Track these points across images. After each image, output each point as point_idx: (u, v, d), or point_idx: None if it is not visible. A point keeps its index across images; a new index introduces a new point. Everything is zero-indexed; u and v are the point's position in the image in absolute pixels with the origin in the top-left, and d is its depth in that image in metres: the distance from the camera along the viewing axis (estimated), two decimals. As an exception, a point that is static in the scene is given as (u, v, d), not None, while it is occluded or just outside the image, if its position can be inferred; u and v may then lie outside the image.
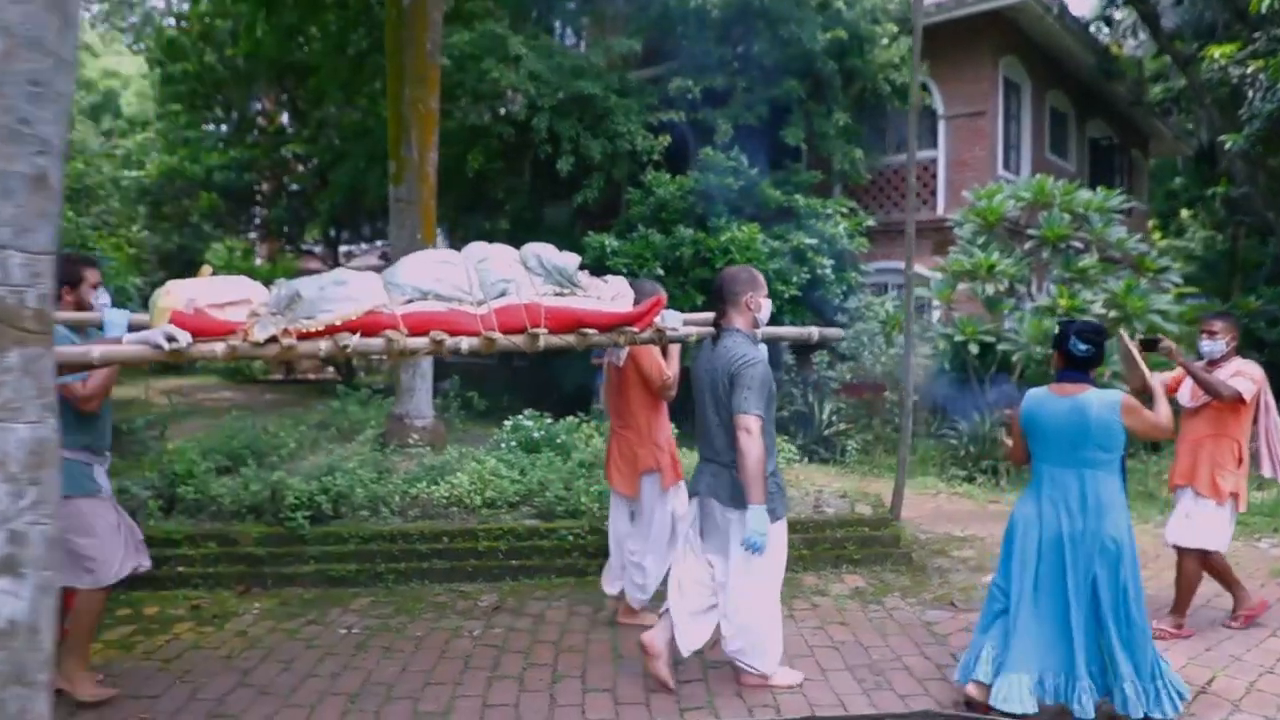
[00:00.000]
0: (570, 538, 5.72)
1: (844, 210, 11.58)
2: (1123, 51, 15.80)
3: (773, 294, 7.00)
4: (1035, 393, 3.73)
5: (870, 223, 12.00)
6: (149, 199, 15.15)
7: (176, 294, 3.13)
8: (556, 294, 3.57)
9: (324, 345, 3.10)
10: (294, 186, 16.90)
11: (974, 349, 9.10)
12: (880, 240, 13.26)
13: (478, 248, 3.71)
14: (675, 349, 4.45)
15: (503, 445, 7.47)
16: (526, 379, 13.30)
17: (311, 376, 18.46)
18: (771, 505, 3.58)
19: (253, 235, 18.73)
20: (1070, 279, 9.41)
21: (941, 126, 13.07)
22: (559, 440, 7.42)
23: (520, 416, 7.94)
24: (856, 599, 5.31)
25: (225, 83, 15.85)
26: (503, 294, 3.44)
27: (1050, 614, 3.50)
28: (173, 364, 3.03)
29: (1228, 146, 11.04)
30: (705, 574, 3.87)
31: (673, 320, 3.79)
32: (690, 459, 4.89)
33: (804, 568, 5.84)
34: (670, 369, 4.43)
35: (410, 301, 3.29)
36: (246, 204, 16.67)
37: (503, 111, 10.88)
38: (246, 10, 12.71)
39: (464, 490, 6.06)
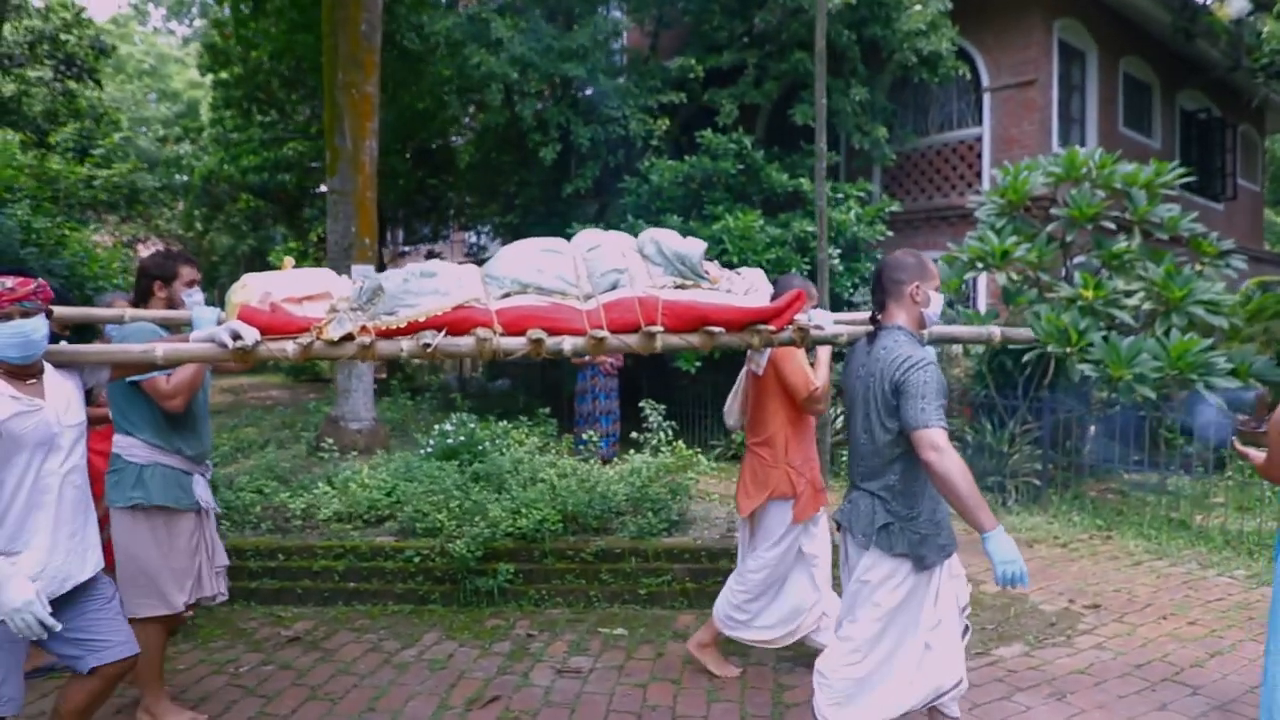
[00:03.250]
0: (417, 559, 5.04)
1: (860, 194, 10.44)
2: (1225, 7, 13.84)
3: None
4: None
5: (895, 208, 10.80)
6: (192, 200, 15.52)
7: (253, 288, 2.90)
8: (677, 286, 3.06)
9: (406, 344, 2.74)
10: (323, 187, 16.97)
11: (978, 348, 7.89)
12: (922, 229, 12.02)
13: (589, 235, 3.25)
14: (825, 354, 3.88)
15: (422, 451, 6.89)
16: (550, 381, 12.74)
17: (382, 375, 18.39)
18: (920, 551, 2.85)
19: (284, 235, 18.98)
20: (1102, 265, 8.05)
21: (987, 100, 11.68)
22: (480, 447, 6.78)
23: (462, 417, 7.35)
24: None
25: (270, 86, 15.97)
26: (614, 286, 2.99)
27: None
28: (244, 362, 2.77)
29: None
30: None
31: (820, 319, 3.12)
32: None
33: (686, 604, 4.97)
34: (819, 378, 3.81)
35: (507, 296, 2.90)
36: (284, 205, 16.80)
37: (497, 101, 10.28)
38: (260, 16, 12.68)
39: (321, 502, 5.50)
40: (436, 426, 7.20)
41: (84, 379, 2.78)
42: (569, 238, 3.26)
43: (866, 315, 3.34)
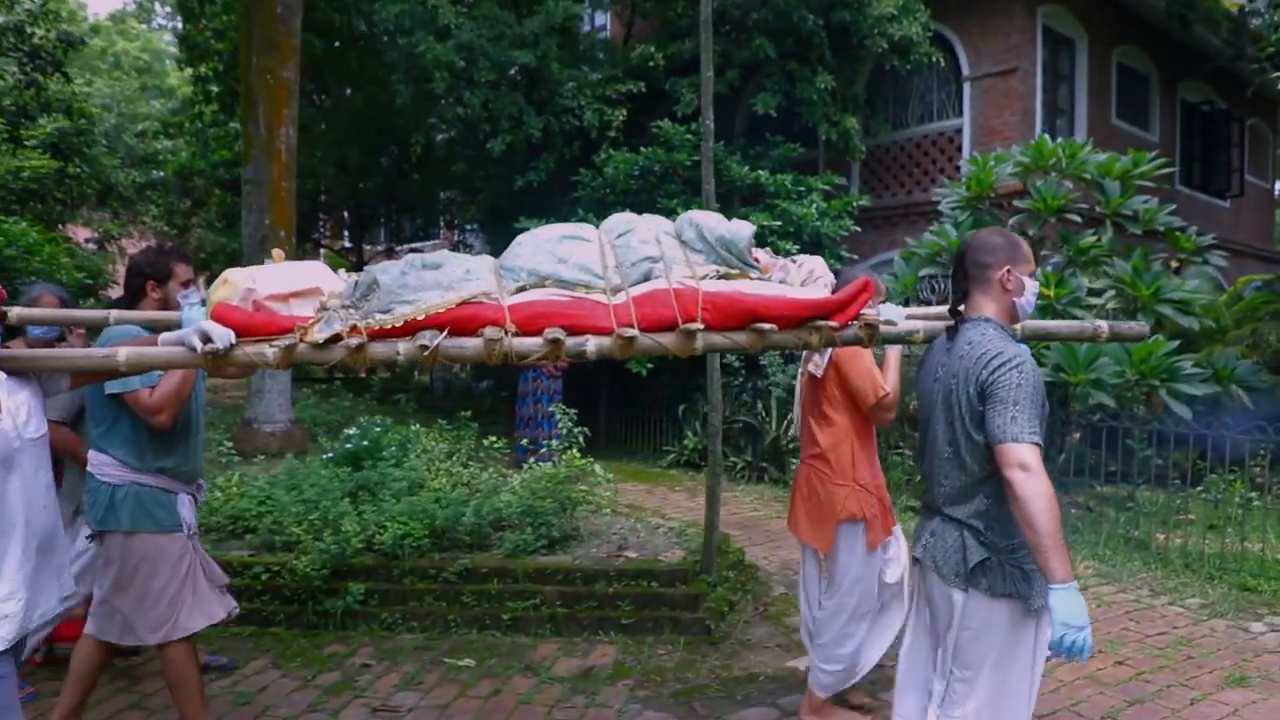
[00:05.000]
0: (265, 576, 4.60)
1: (827, 187, 9.91)
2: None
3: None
4: None
5: (864, 202, 10.25)
6: (169, 196, 15.28)
7: (234, 284, 2.57)
8: (722, 276, 2.63)
9: (403, 347, 2.38)
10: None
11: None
12: (900, 224, 11.45)
13: (620, 219, 2.85)
14: (895, 354, 3.40)
15: (324, 456, 6.47)
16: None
17: (385, 374, 17.81)
18: (1026, 590, 2.35)
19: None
20: (1068, 261, 7.50)
21: (967, 90, 11.09)
22: (384, 453, 6.34)
23: (376, 420, 6.93)
24: (571, 683, 3.94)
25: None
26: (647, 277, 2.58)
27: None
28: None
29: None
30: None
31: (890, 313, 2.67)
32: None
33: (553, 631, 4.49)
34: (889, 382, 3.34)
35: (523, 289, 2.52)
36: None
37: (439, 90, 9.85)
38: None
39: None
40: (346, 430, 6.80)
41: (43, 387, 2.44)
42: (516, 234, 2.81)
43: (940, 309, 2.92)
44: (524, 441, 8.53)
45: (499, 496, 5.30)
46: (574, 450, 5.61)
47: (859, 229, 10.03)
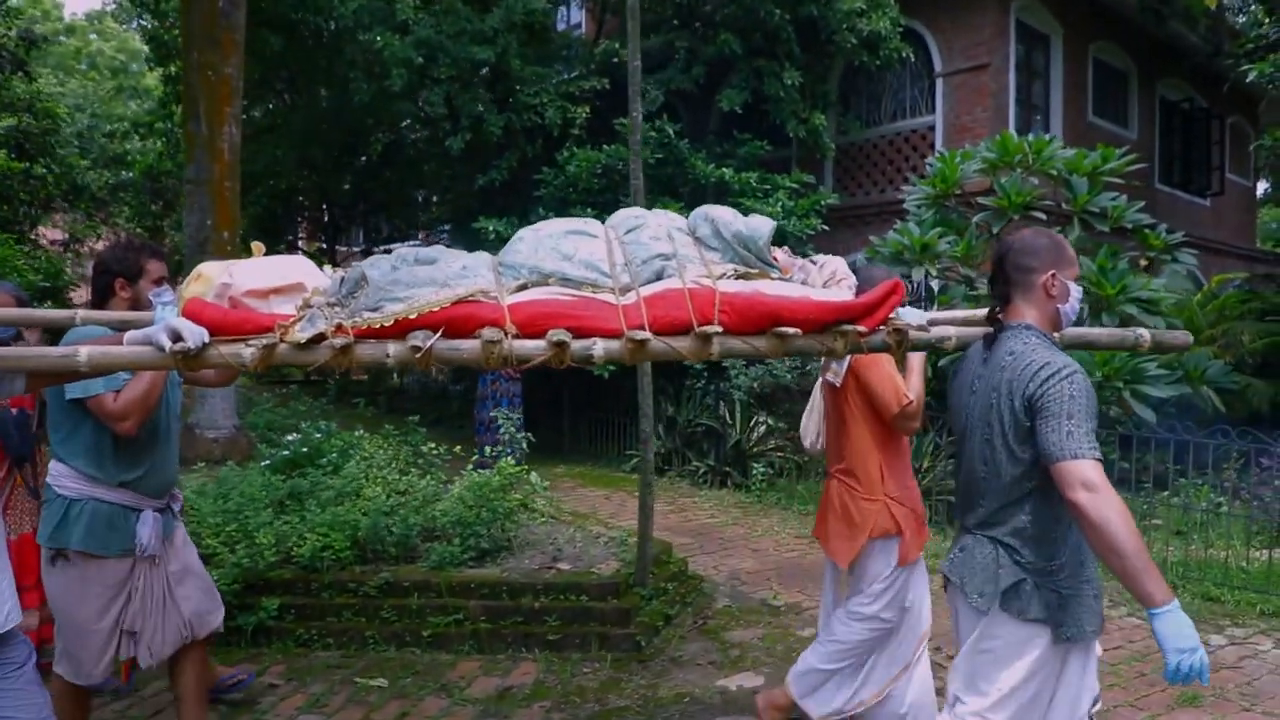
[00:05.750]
0: (176, 593, 4.39)
1: (794, 186, 9.71)
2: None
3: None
4: None
5: (832, 200, 10.06)
6: (138, 197, 15.04)
7: (208, 278, 2.37)
8: (740, 276, 2.44)
9: (393, 349, 2.16)
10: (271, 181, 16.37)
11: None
12: (873, 223, 11.24)
13: (628, 213, 2.68)
14: (918, 361, 3.19)
15: (263, 464, 6.25)
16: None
17: (360, 376, 17.39)
18: (1060, 616, 2.19)
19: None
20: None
21: (939, 86, 10.91)
22: (324, 461, 6.12)
23: (319, 425, 6.72)
24: (485, 705, 3.73)
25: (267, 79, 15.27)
26: (660, 276, 2.41)
27: None
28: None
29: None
30: None
31: (914, 318, 2.50)
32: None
33: (475, 648, 4.28)
34: (912, 389, 3.14)
35: (524, 287, 2.35)
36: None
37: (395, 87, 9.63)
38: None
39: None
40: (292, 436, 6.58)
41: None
42: (477, 233, 2.59)
43: (967, 313, 2.73)
44: (486, 449, 8.30)
45: (436, 505, 5.09)
46: (509, 458, 5.41)
47: (827, 228, 9.83)
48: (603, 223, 2.61)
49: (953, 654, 2.44)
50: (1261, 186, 20.83)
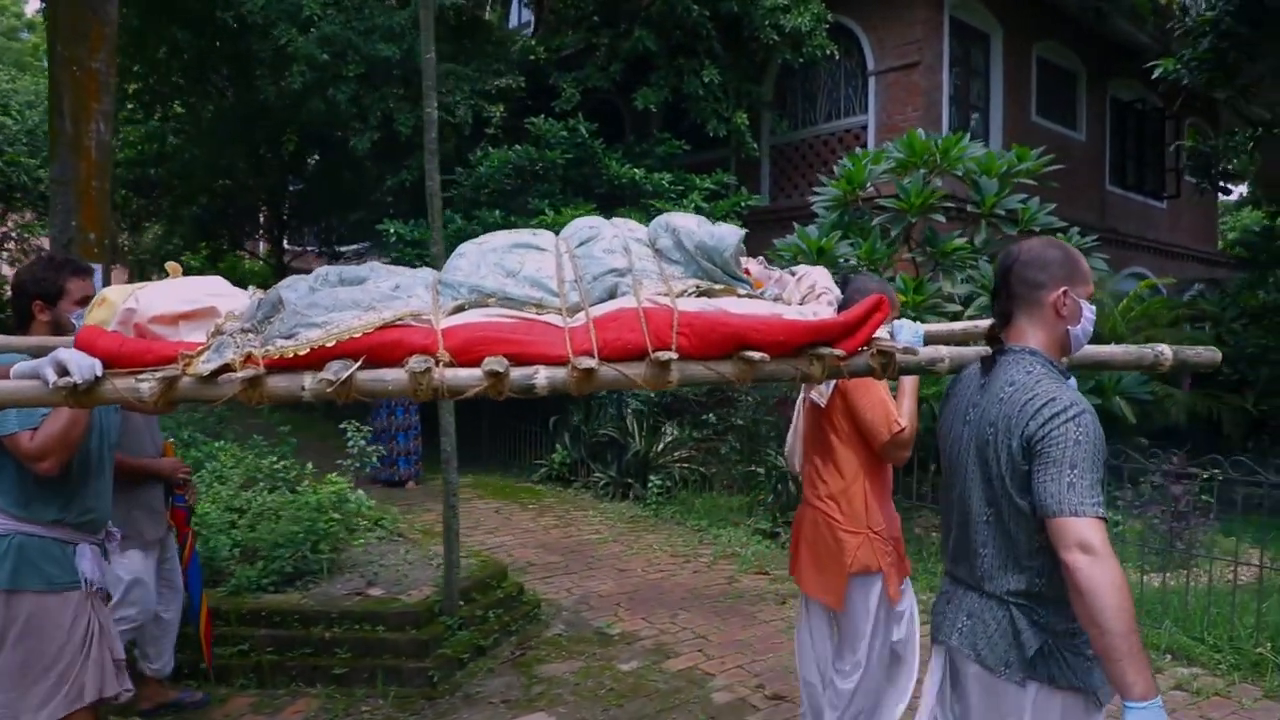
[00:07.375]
0: None
1: (714, 187, 9.43)
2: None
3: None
4: None
5: (754, 201, 9.78)
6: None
7: (112, 303, 2.14)
8: (703, 292, 2.21)
9: (309, 381, 1.93)
10: (225, 181, 16.08)
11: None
12: (806, 225, 10.96)
13: (583, 223, 2.42)
14: (911, 383, 2.92)
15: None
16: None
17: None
18: (1093, 683, 1.91)
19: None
20: (936, 263, 7.04)
21: (872, 85, 10.61)
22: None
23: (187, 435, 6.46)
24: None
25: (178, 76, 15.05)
26: (613, 294, 2.18)
27: None
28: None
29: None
30: None
31: (907, 337, 2.31)
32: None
33: (257, 681, 4.00)
34: (903, 414, 2.86)
35: (460, 309, 2.12)
36: (172, 202, 15.95)
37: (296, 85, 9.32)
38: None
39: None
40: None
41: None
42: (380, 235, 2.29)
43: (961, 326, 2.49)
44: (374, 459, 8.01)
45: (271, 524, 4.80)
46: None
47: (749, 230, 9.52)
48: (522, 228, 2.36)
49: None
50: (1240, 189, 20.38)
